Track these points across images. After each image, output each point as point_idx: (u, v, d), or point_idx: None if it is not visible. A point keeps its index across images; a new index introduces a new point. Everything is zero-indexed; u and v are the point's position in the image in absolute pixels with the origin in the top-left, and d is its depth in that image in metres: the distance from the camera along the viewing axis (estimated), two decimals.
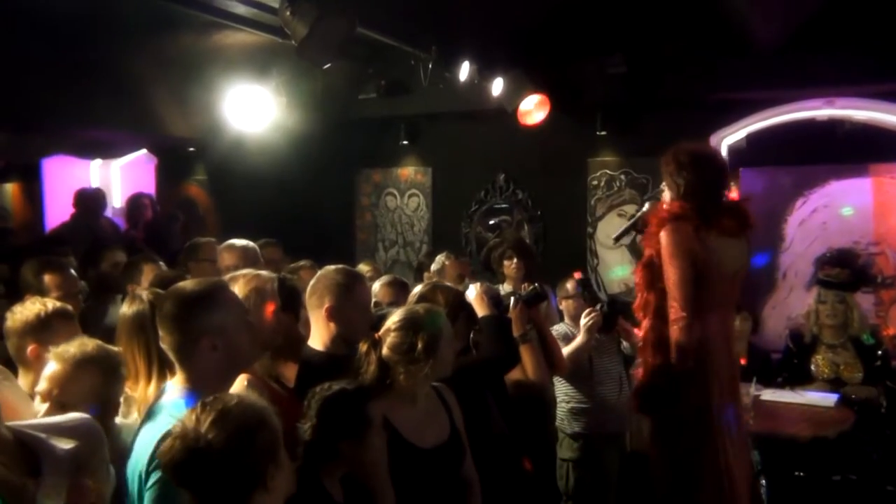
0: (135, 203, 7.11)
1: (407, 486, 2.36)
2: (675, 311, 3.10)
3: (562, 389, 4.31)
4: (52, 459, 1.50)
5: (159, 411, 1.97)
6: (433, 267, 4.95)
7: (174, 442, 1.57)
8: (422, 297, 2.95)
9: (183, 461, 1.55)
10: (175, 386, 2.03)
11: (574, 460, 4.27)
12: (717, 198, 3.28)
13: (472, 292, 3.13)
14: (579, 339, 3.98)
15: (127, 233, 6.81)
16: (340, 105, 6.61)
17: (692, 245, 3.12)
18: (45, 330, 2.52)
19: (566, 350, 3.91)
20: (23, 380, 2.51)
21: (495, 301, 3.17)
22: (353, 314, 2.67)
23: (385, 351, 2.43)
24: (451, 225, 6.92)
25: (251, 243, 4.15)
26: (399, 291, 3.71)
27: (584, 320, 3.94)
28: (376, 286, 4.35)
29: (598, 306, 3.99)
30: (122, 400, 2.46)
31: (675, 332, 3.09)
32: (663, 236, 3.13)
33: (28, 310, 2.59)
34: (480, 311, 3.05)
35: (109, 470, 1.81)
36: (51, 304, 2.63)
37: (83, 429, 1.74)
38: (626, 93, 5.73)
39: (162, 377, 2.37)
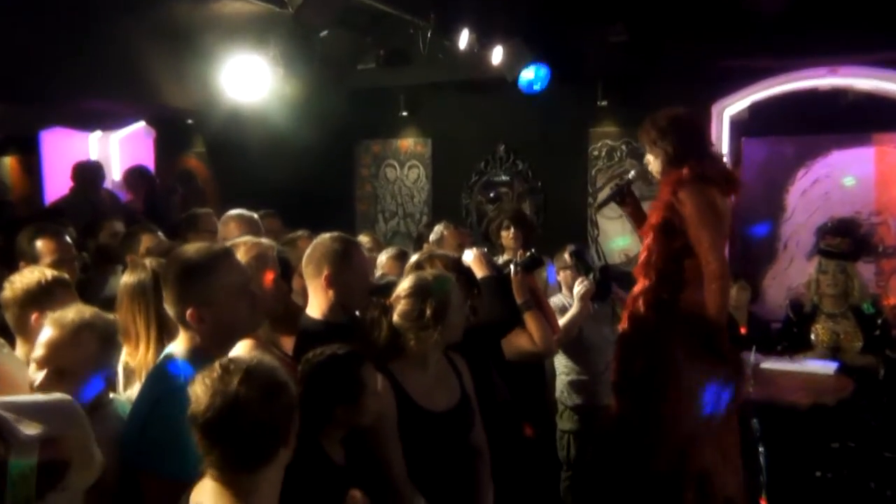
0: (134, 175, 7.07)
1: (418, 449, 2.40)
2: (712, 272, 3.13)
3: (561, 361, 4.32)
4: (15, 443, 1.49)
5: (158, 372, 2.00)
6: (431, 237, 4.93)
7: (210, 399, 1.57)
8: (418, 266, 2.94)
9: (219, 417, 1.56)
10: (176, 347, 2.05)
11: (574, 432, 4.30)
12: (710, 155, 3.33)
13: (470, 256, 3.13)
14: (573, 309, 3.98)
15: (127, 204, 6.78)
16: (339, 75, 6.56)
17: (719, 207, 3.18)
18: (46, 298, 2.51)
19: (562, 321, 3.90)
20: (21, 350, 2.51)
21: (492, 264, 3.16)
22: (352, 281, 2.66)
23: (395, 318, 2.46)
24: (452, 196, 6.90)
25: (255, 214, 4.14)
26: (405, 264, 3.71)
27: (576, 289, 3.94)
28: (382, 258, 4.35)
29: (589, 275, 3.98)
30: (121, 371, 2.48)
31: (714, 291, 3.14)
32: (688, 199, 3.15)
33: (28, 278, 2.58)
34: (479, 272, 3.05)
35: (93, 454, 1.82)
36: (49, 272, 2.62)
37: (59, 411, 1.76)
38: (627, 62, 5.67)
39: (161, 343, 2.39)
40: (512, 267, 3.26)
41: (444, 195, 6.98)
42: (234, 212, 4.09)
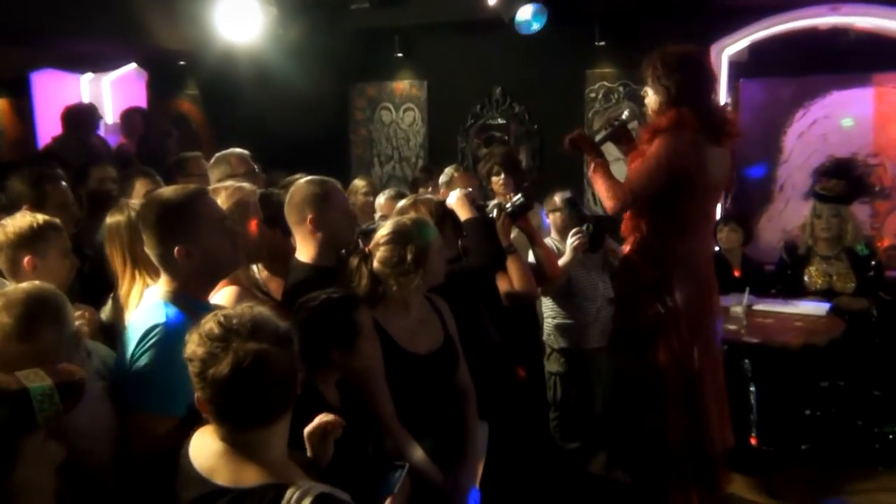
0: (128, 117, 7.01)
1: (404, 391, 2.43)
2: (610, 206, 3.14)
3: (548, 304, 4.34)
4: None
5: (140, 316, 2.01)
6: (442, 178, 4.90)
7: (226, 356, 1.50)
8: (403, 212, 2.94)
9: (238, 375, 1.49)
10: (158, 288, 2.06)
11: (561, 374, 4.35)
12: (710, 102, 3.20)
13: (453, 198, 3.12)
14: (565, 257, 3.99)
15: (120, 148, 6.74)
16: (332, 15, 6.45)
17: (685, 159, 3.06)
18: (39, 241, 2.53)
19: None
20: None
21: (475, 204, 3.15)
22: (337, 219, 2.68)
23: (376, 264, 2.47)
24: (448, 139, 6.85)
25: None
26: None
27: (570, 240, 3.93)
28: (380, 199, 4.34)
29: (584, 227, 3.96)
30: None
31: (610, 201, 3.13)
32: (658, 141, 3.07)
33: (20, 221, 2.58)
34: (463, 215, 3.05)
35: (78, 345, 1.87)
36: (41, 216, 2.63)
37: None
38: (625, 2, 5.57)
39: (142, 281, 2.42)
40: (496, 211, 3.25)
41: (440, 138, 6.93)
42: (237, 151, 4.05)
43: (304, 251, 2.69)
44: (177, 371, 1.65)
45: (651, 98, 3.23)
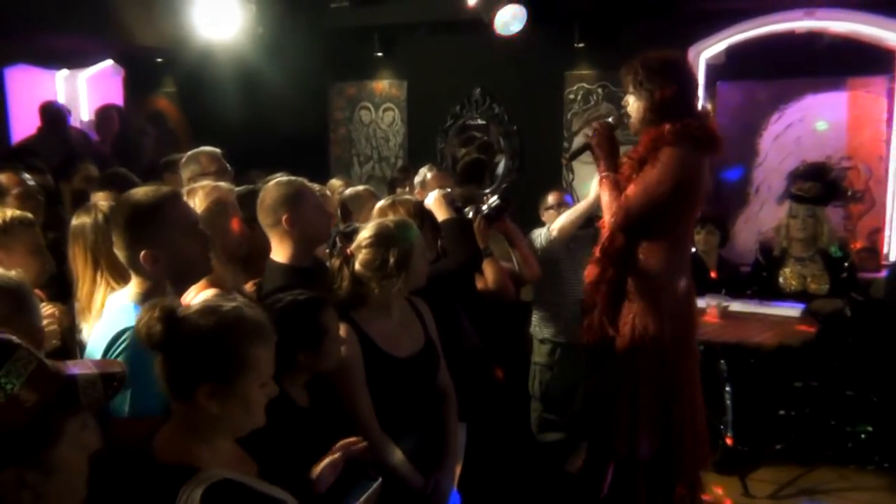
0: (103, 115, 6.93)
1: (384, 394, 2.43)
2: (613, 221, 3.00)
3: (535, 296, 4.38)
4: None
5: (110, 316, 1.99)
6: (416, 179, 4.90)
7: (153, 309, 1.59)
8: (381, 213, 2.93)
9: (155, 327, 1.58)
10: (129, 291, 2.04)
11: (543, 365, 4.40)
12: (694, 108, 3.11)
13: (431, 198, 3.11)
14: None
15: (96, 146, 6.66)
16: (312, 14, 6.42)
17: (690, 173, 2.96)
18: (4, 236, 2.50)
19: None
20: None
21: (454, 205, 3.14)
22: (310, 217, 2.67)
23: (357, 267, 2.44)
24: (427, 140, 6.85)
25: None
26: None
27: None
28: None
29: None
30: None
31: (611, 216, 3.01)
32: (668, 159, 2.93)
33: None
34: (441, 215, 3.03)
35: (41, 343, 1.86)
36: (10, 211, 2.59)
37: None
38: (602, 4, 5.61)
39: (105, 284, 2.37)
40: (471, 214, 3.24)
41: (419, 138, 6.92)
42: (209, 149, 4.03)
43: (280, 252, 2.67)
44: (151, 371, 1.64)
45: (633, 105, 3.11)
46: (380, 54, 6.79)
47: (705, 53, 5.79)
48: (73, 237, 2.52)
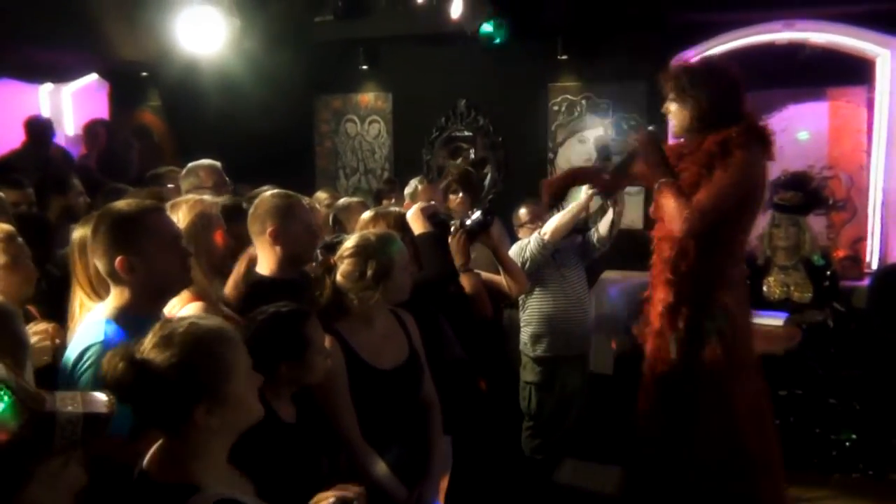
0: (91, 130, 6.91)
1: (368, 406, 2.43)
2: (684, 227, 2.80)
3: (524, 314, 4.37)
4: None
5: (82, 330, 2.00)
6: (407, 190, 4.91)
7: (113, 359, 1.56)
8: (365, 225, 2.95)
9: (123, 378, 1.54)
10: (105, 305, 2.04)
11: (536, 383, 4.37)
12: (742, 112, 2.93)
13: (410, 212, 3.12)
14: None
15: (80, 161, 6.64)
16: (297, 28, 6.43)
17: (757, 176, 2.89)
18: None
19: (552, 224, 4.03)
20: None
21: (434, 219, 3.14)
22: (297, 234, 2.68)
23: (338, 277, 2.45)
24: (413, 152, 6.87)
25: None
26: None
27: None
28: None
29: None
30: None
31: (679, 223, 2.81)
32: (739, 157, 2.80)
33: None
34: (416, 229, 3.04)
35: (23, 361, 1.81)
36: None
37: None
38: (585, 16, 5.65)
39: (96, 297, 2.33)
40: (452, 228, 3.22)
41: (405, 150, 6.94)
42: (207, 162, 4.04)
43: (264, 264, 2.68)
44: None
45: (676, 112, 2.96)
46: (365, 67, 6.81)
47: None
48: (72, 248, 2.49)
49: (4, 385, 1.18)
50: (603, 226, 4.24)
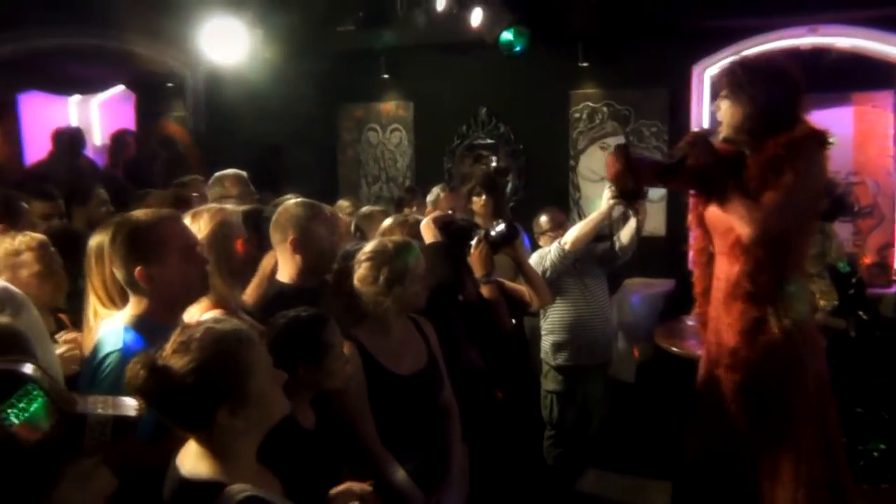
0: (119, 140, 7.02)
1: (387, 412, 2.43)
2: (750, 233, 2.62)
3: (546, 322, 4.36)
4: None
5: (102, 338, 2.01)
6: (429, 198, 4.93)
7: (135, 366, 1.58)
8: (384, 233, 2.99)
9: (145, 385, 1.56)
10: (124, 313, 2.06)
11: (557, 392, 4.36)
12: (800, 116, 2.75)
13: (423, 222, 3.14)
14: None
15: (106, 170, 6.74)
16: (318, 37, 6.49)
17: (824, 180, 2.80)
18: (16, 257, 2.57)
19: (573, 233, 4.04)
20: None
21: (448, 228, 3.14)
22: (318, 244, 2.70)
23: (355, 281, 2.48)
24: (434, 160, 6.89)
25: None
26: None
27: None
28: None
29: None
30: None
31: (750, 227, 2.62)
32: (806, 160, 2.63)
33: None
34: (427, 239, 3.05)
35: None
36: (20, 235, 2.64)
37: None
38: (606, 23, 5.64)
39: (112, 305, 2.34)
40: (475, 239, 3.20)
41: (427, 159, 6.96)
42: (233, 171, 4.10)
43: (285, 272, 2.70)
44: None
45: (727, 110, 2.79)
46: (386, 76, 6.85)
47: (710, 71, 5.81)
48: (87, 255, 2.54)
49: (37, 386, 1.21)
50: (625, 235, 4.21)
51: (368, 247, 2.53)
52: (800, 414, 2.79)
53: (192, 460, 1.64)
